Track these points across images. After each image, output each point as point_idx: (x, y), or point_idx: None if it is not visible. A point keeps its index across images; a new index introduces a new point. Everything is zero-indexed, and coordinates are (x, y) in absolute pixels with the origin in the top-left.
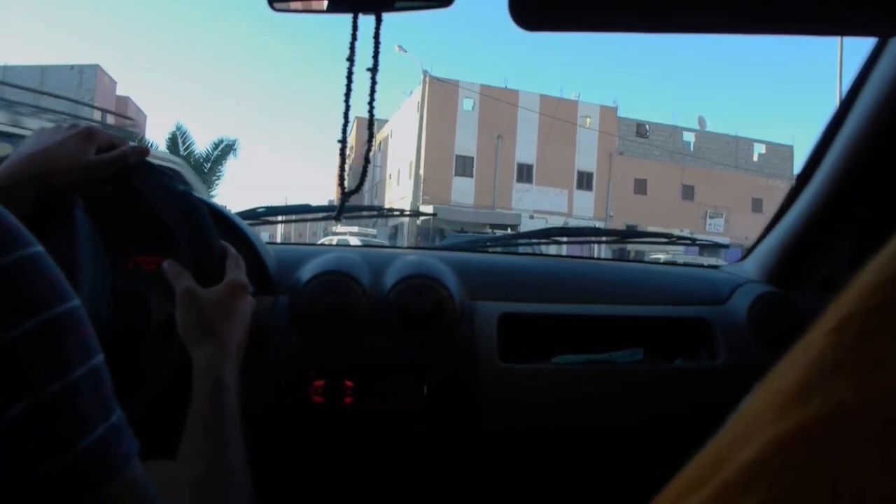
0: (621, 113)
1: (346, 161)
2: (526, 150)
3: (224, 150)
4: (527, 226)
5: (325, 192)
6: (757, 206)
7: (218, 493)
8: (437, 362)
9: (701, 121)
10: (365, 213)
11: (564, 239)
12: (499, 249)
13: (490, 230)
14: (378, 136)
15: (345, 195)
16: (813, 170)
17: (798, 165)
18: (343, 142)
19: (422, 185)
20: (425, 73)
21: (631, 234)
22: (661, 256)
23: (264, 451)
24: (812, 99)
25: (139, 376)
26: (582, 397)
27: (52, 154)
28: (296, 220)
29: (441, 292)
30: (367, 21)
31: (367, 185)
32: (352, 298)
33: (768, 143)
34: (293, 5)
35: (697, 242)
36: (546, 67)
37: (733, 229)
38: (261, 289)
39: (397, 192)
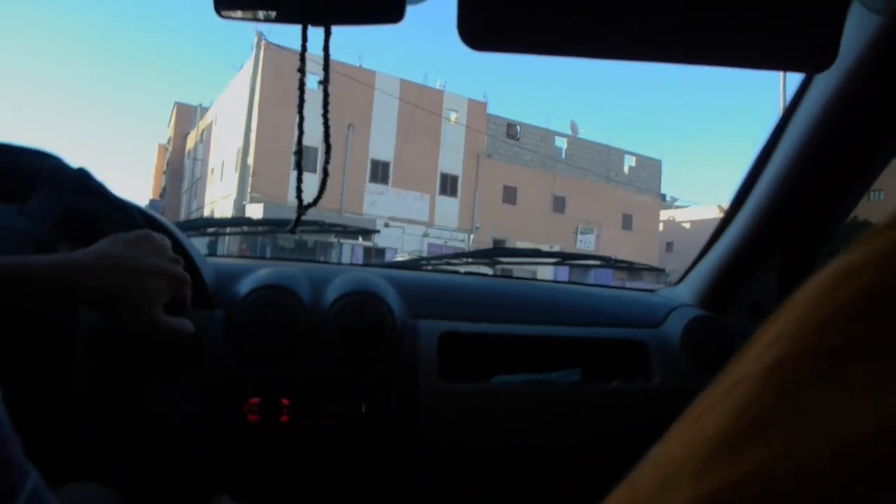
0: (491, 110)
1: (165, 156)
2: (382, 145)
3: None
4: (381, 234)
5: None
6: (627, 222)
7: None
8: (376, 380)
9: (573, 126)
10: (313, 227)
11: (506, 260)
12: (440, 268)
13: (336, 239)
14: (200, 125)
15: (301, 208)
16: (744, 197)
17: (666, 181)
18: (299, 154)
19: (250, 178)
20: (260, 36)
21: (570, 255)
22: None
23: (198, 469)
24: (680, 114)
25: (67, 390)
26: (520, 417)
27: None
28: (238, 233)
29: (382, 309)
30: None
31: (185, 185)
32: (291, 313)
33: (638, 156)
34: (241, 14)
35: (635, 267)
36: (408, 50)
37: (604, 246)
38: (197, 302)
39: (220, 189)
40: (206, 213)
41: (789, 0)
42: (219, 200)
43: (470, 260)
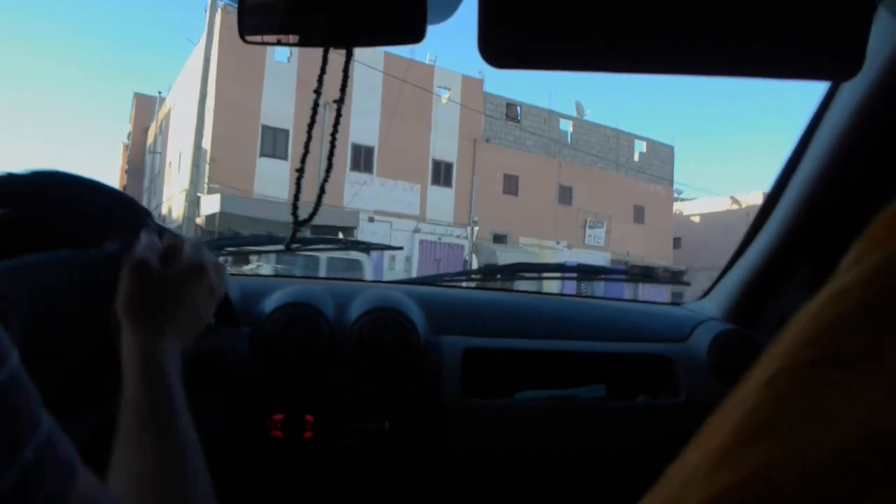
0: (488, 88)
1: (126, 154)
2: (365, 127)
3: None
4: (364, 230)
5: None
6: (639, 215)
7: (166, 486)
8: (400, 396)
9: (579, 107)
10: (326, 245)
11: (530, 275)
12: (463, 284)
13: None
14: (159, 115)
15: (297, 224)
16: (771, 208)
17: (679, 168)
18: (300, 171)
19: (207, 165)
20: None
21: (595, 269)
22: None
23: (221, 485)
24: (684, 98)
25: (112, 383)
26: (544, 433)
27: None
28: (259, 252)
29: (406, 326)
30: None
31: (146, 183)
32: (315, 330)
33: (650, 141)
34: (265, 38)
35: (663, 275)
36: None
37: (615, 241)
38: (223, 320)
39: (178, 183)
40: (164, 210)
41: (814, 9)
42: (176, 196)
43: (498, 276)
